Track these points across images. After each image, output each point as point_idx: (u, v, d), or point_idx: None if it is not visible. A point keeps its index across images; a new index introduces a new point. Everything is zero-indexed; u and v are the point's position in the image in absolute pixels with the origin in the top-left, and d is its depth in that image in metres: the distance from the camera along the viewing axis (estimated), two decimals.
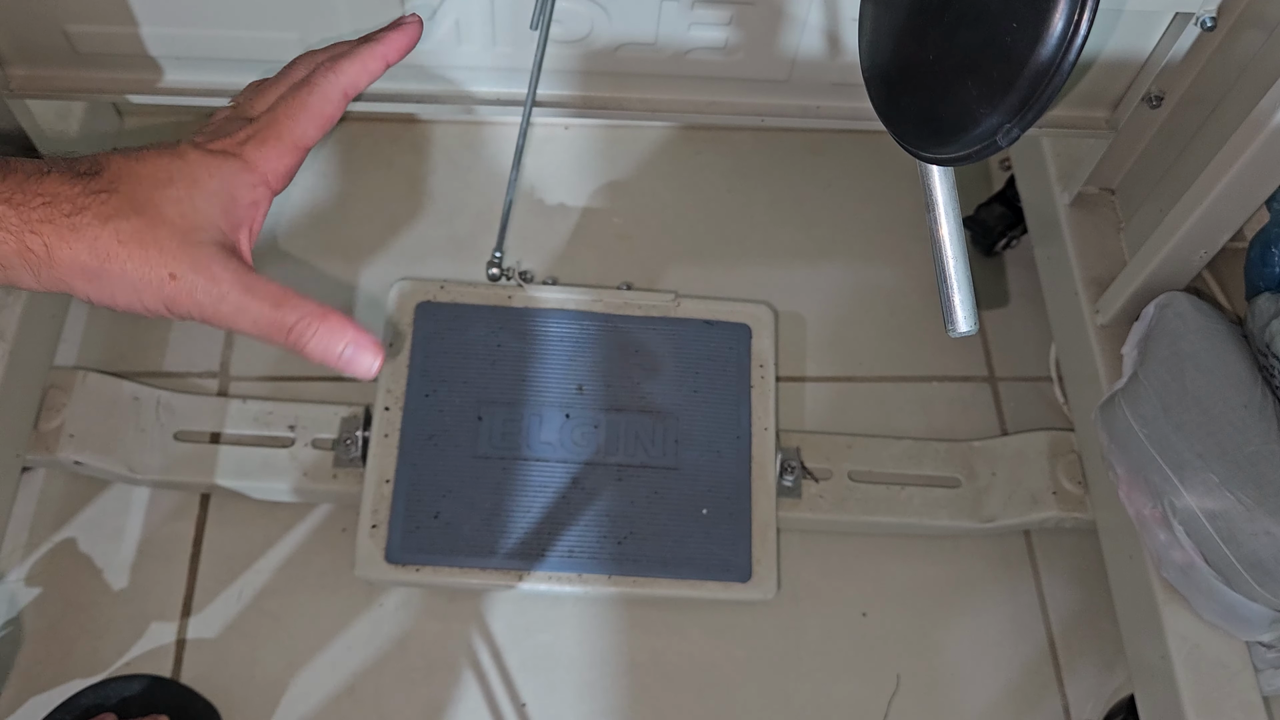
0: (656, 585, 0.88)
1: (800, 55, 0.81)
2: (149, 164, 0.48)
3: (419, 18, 0.53)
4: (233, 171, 0.49)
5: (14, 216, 0.43)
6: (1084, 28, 0.43)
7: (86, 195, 0.45)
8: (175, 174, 0.49)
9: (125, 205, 0.46)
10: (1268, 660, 0.77)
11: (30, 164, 0.45)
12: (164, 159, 0.49)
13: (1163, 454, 0.75)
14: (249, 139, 0.50)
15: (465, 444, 0.90)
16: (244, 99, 0.52)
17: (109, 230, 0.45)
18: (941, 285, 0.53)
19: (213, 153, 0.49)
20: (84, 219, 0.44)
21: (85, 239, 0.44)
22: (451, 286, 0.96)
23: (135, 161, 0.48)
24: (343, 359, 0.48)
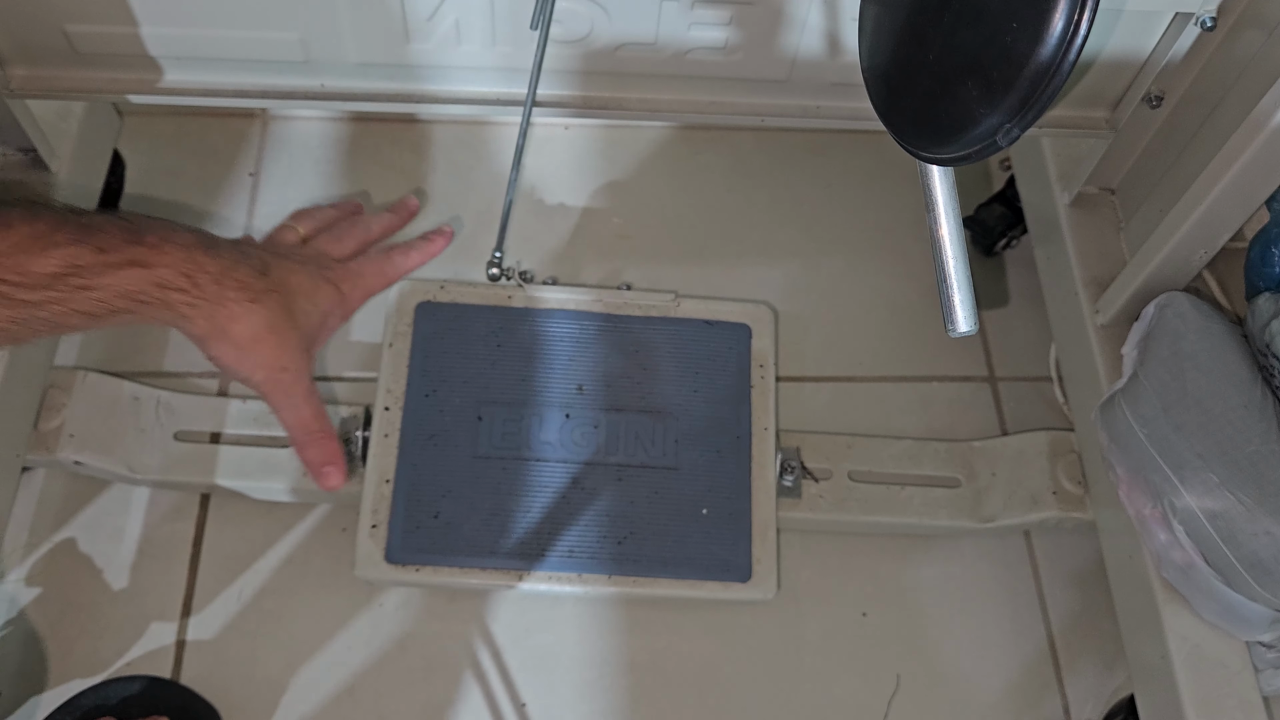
0: (656, 585, 0.88)
1: (800, 55, 0.81)
2: (298, 277, 0.62)
3: (451, 230, 0.79)
4: (337, 302, 0.64)
5: (210, 287, 0.55)
6: (1084, 28, 0.43)
7: (264, 290, 0.58)
8: (311, 291, 0.62)
9: (281, 306, 0.59)
10: (1268, 660, 0.77)
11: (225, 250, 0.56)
12: (306, 276, 0.62)
13: (1163, 454, 0.75)
14: (349, 281, 0.66)
15: (465, 444, 0.90)
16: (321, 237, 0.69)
17: (268, 322, 0.58)
18: (941, 285, 0.53)
19: (329, 281, 0.64)
20: (257, 307, 0.57)
21: (252, 320, 0.57)
22: (451, 286, 0.96)
23: (290, 271, 0.61)
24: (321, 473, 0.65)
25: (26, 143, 0.86)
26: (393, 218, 0.77)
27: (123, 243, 0.51)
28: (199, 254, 0.54)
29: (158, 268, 0.51)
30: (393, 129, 1.13)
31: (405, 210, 0.79)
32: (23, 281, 0.46)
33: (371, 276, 0.69)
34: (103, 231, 0.50)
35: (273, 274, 0.59)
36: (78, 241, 0.48)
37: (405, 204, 0.80)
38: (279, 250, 0.63)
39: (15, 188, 0.83)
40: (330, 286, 0.64)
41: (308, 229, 0.70)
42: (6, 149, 0.88)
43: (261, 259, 0.59)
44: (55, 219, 0.48)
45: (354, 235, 0.71)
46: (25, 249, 0.46)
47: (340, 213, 0.74)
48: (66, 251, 0.47)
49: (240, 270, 0.56)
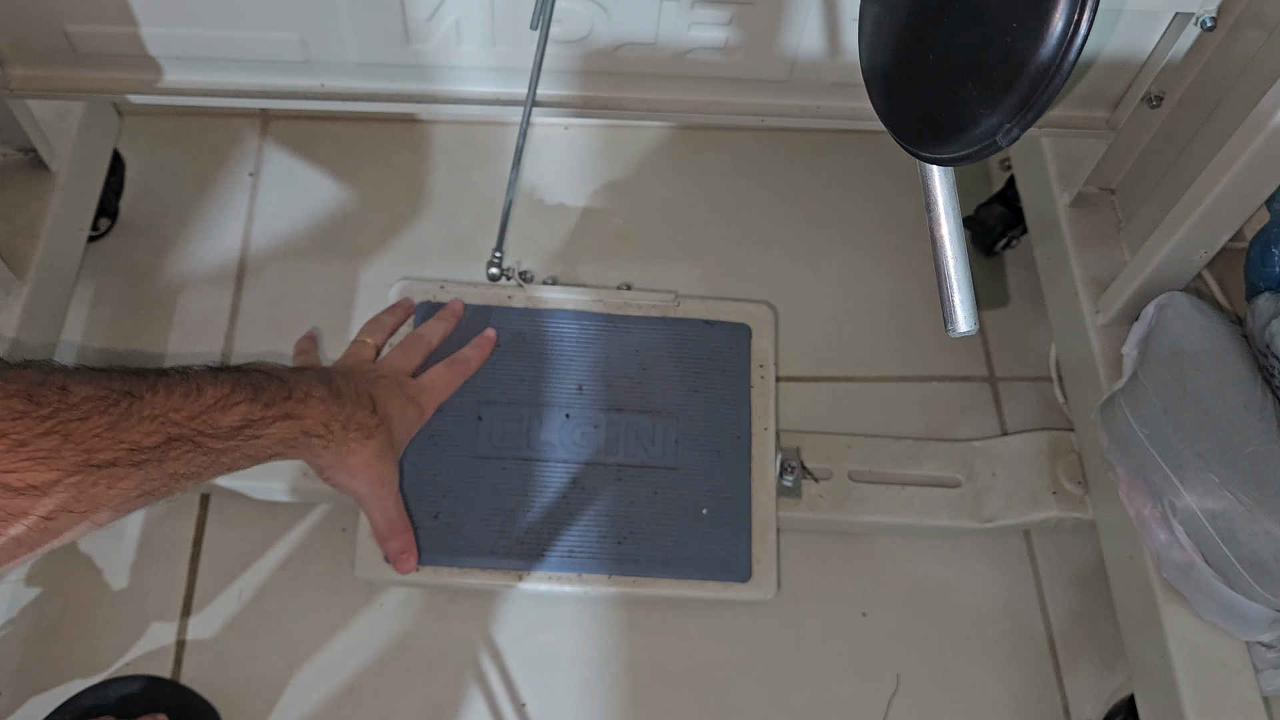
0: (656, 585, 0.88)
1: (800, 55, 0.81)
2: (395, 404, 0.76)
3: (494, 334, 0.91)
4: (418, 417, 0.80)
5: (340, 432, 0.68)
6: (1084, 28, 0.43)
7: (375, 426, 0.71)
8: (402, 414, 0.76)
9: (387, 437, 0.73)
10: (1268, 660, 0.77)
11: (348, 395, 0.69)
12: (399, 403, 0.77)
13: (1163, 454, 0.75)
14: (426, 396, 0.81)
15: (465, 444, 0.90)
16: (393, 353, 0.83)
17: (377, 451, 0.71)
18: (941, 285, 0.53)
19: (413, 401, 0.78)
20: (370, 443, 0.71)
21: (366, 454, 0.71)
22: (451, 286, 0.96)
23: (389, 402, 0.74)
24: (400, 559, 0.82)
25: (26, 143, 0.86)
26: (445, 325, 0.89)
27: (280, 399, 0.62)
28: (332, 405, 0.67)
29: (305, 419, 0.64)
30: (393, 129, 1.13)
31: (452, 315, 0.90)
32: (214, 434, 0.56)
33: (442, 388, 0.83)
34: (266, 390, 0.61)
35: (379, 409, 0.72)
36: (250, 400, 0.59)
37: (451, 309, 0.91)
38: (371, 376, 0.76)
39: None
40: (415, 406, 0.78)
41: (379, 340, 0.84)
42: (6, 149, 0.88)
43: (370, 396, 0.72)
44: (232, 380, 0.59)
45: (419, 349, 0.85)
46: (215, 408, 0.57)
47: (398, 318, 0.89)
48: (242, 409, 0.59)
49: (359, 414, 0.70)
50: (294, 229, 1.07)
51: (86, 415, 0.49)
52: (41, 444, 0.47)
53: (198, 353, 1.00)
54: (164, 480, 0.53)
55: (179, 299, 1.02)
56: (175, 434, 0.53)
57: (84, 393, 0.50)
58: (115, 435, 0.50)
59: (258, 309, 1.03)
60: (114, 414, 0.50)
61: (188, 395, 0.55)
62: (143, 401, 0.52)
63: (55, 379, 0.49)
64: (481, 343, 0.89)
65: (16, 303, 0.84)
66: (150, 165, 1.09)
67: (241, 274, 1.04)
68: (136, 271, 1.03)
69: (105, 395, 0.51)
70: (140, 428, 0.51)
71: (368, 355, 0.82)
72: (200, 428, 0.55)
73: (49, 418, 0.47)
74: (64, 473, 0.47)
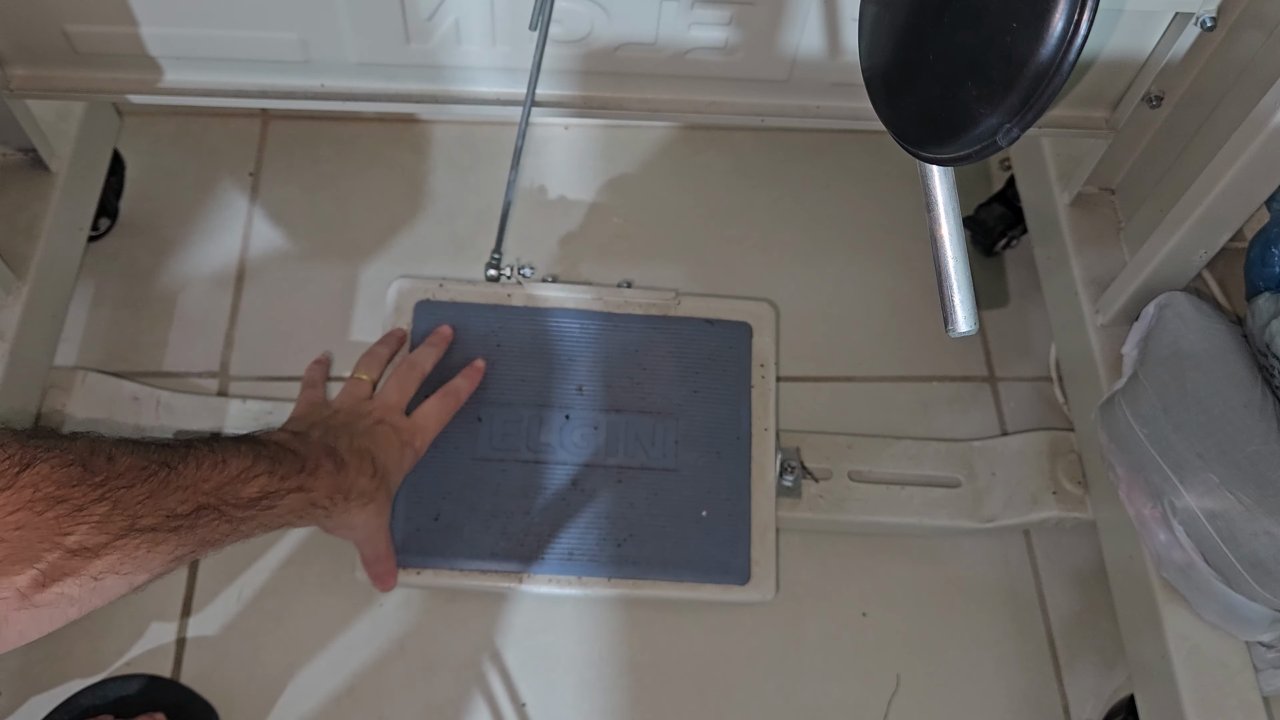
0: (656, 587, 0.88)
1: (800, 55, 0.81)
2: (393, 456, 0.80)
3: (481, 365, 0.92)
4: (412, 457, 0.83)
5: (342, 502, 0.72)
6: (1084, 28, 0.43)
7: (376, 488, 0.76)
8: (399, 462, 0.81)
9: (385, 494, 0.78)
10: (1268, 660, 0.77)
11: (353, 463, 0.74)
12: (396, 451, 0.81)
13: (1163, 454, 0.75)
14: (419, 436, 0.84)
15: (465, 445, 0.90)
16: (388, 387, 0.86)
17: (376, 510, 0.77)
18: (941, 285, 0.53)
19: (407, 444, 0.82)
20: (372, 505, 0.76)
21: (368, 513, 0.76)
22: (450, 285, 0.96)
23: (387, 456, 0.79)
24: (382, 581, 0.85)
25: (26, 143, 0.86)
26: (435, 351, 0.91)
27: (294, 472, 0.66)
28: (338, 477, 0.71)
29: (314, 491, 0.68)
30: (393, 129, 1.13)
31: (441, 340, 0.92)
32: (236, 503, 0.60)
33: (435, 424, 0.86)
34: (283, 463, 0.65)
35: (379, 469, 0.77)
36: (269, 473, 0.64)
37: (440, 334, 0.92)
38: (369, 425, 0.80)
39: None
40: (409, 449, 0.82)
41: (374, 375, 0.87)
42: (6, 149, 0.88)
43: (370, 456, 0.76)
44: (253, 453, 0.63)
45: (412, 379, 0.87)
46: (239, 479, 0.61)
47: (391, 348, 0.91)
48: (261, 481, 0.63)
49: (361, 481, 0.74)
50: (294, 229, 1.07)
51: (131, 484, 0.53)
52: (95, 509, 0.50)
53: (198, 353, 1.00)
54: (194, 546, 0.57)
55: (179, 299, 1.02)
56: (204, 503, 0.58)
57: (128, 463, 0.54)
58: (155, 503, 0.54)
59: (258, 309, 1.03)
60: (154, 483, 0.55)
61: (215, 467, 0.59)
62: (177, 472, 0.57)
63: (104, 448, 0.53)
64: (471, 373, 0.91)
65: (16, 303, 0.84)
66: (150, 165, 1.09)
67: (241, 274, 1.04)
68: (136, 271, 1.03)
69: (146, 465, 0.55)
70: (175, 496, 0.56)
71: (364, 393, 0.85)
72: (225, 498, 0.59)
73: (101, 485, 0.51)
74: (113, 536, 0.51)
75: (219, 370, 0.99)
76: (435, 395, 0.87)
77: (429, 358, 0.90)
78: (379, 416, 0.82)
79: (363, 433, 0.79)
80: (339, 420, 0.80)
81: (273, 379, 0.99)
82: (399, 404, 0.85)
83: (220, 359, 1.00)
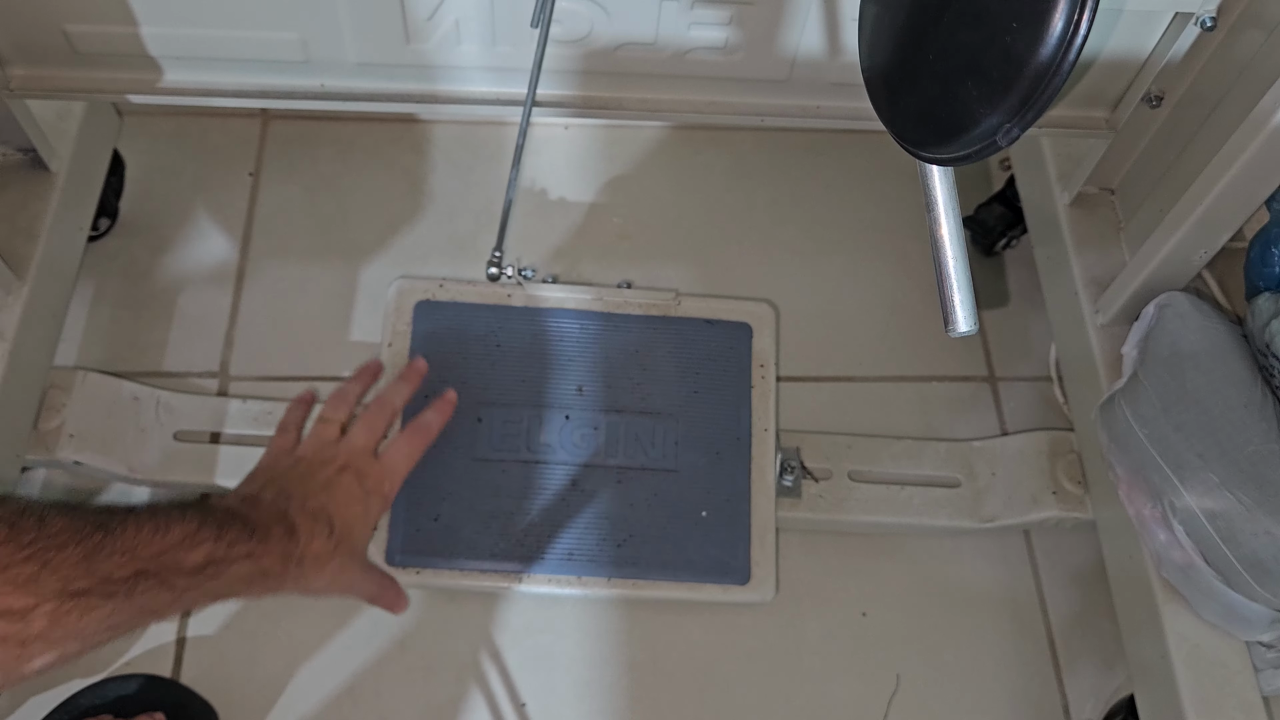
0: (655, 588, 0.88)
1: (800, 55, 0.81)
2: (355, 511, 0.75)
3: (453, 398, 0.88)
4: (381, 507, 0.78)
5: (295, 569, 0.68)
6: (1084, 28, 0.43)
7: (332, 550, 0.71)
8: (363, 515, 0.76)
9: (346, 552, 0.73)
10: (1268, 660, 0.77)
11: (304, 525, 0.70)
12: (359, 505, 0.76)
13: (1163, 454, 0.75)
14: (388, 482, 0.79)
15: (465, 446, 0.90)
16: (356, 429, 0.80)
17: (336, 569, 0.72)
18: (941, 285, 0.53)
19: (372, 493, 0.77)
20: (327, 567, 0.71)
21: (324, 576, 0.71)
22: (450, 284, 0.96)
23: (349, 511, 0.74)
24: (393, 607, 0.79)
25: (26, 143, 0.86)
26: (408, 386, 0.87)
27: (242, 539, 0.63)
28: (288, 543, 0.68)
29: (263, 559, 0.65)
30: (393, 129, 1.13)
31: (415, 373, 0.88)
32: (179, 570, 0.58)
33: (404, 466, 0.81)
34: (230, 529, 0.62)
35: (337, 528, 0.72)
36: (215, 539, 0.60)
37: (414, 367, 0.89)
38: (330, 475, 0.76)
39: None
40: (376, 498, 0.78)
41: (343, 417, 0.82)
42: (6, 149, 0.88)
43: (328, 516, 0.72)
44: (199, 518, 0.60)
45: (382, 418, 0.82)
46: (182, 546, 0.58)
47: (363, 384, 0.86)
48: (207, 548, 0.60)
49: (315, 543, 0.70)
50: (294, 229, 1.07)
51: (63, 545, 0.51)
52: (22, 570, 0.48)
53: (198, 353, 1.00)
54: (131, 614, 0.54)
55: (179, 299, 1.02)
56: (144, 569, 0.55)
57: (60, 524, 0.51)
58: (89, 565, 0.52)
59: (258, 309, 1.03)
60: (88, 545, 0.52)
61: (156, 531, 0.57)
62: (114, 535, 0.54)
63: (35, 510, 0.51)
64: (443, 405, 0.86)
65: (16, 303, 0.84)
66: (150, 165, 1.08)
67: (241, 274, 1.04)
68: (136, 271, 1.03)
69: (80, 527, 0.52)
70: (112, 560, 0.53)
71: (331, 436, 0.80)
72: (166, 564, 0.57)
73: (29, 545, 0.49)
74: (41, 599, 0.48)
75: (219, 370, 0.99)
76: (404, 433, 0.82)
77: (401, 394, 0.85)
78: (343, 463, 0.77)
79: (321, 488, 0.74)
80: (298, 473, 0.75)
81: (273, 379, 0.99)
82: (367, 446, 0.80)
83: (220, 359, 1.00)
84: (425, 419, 0.84)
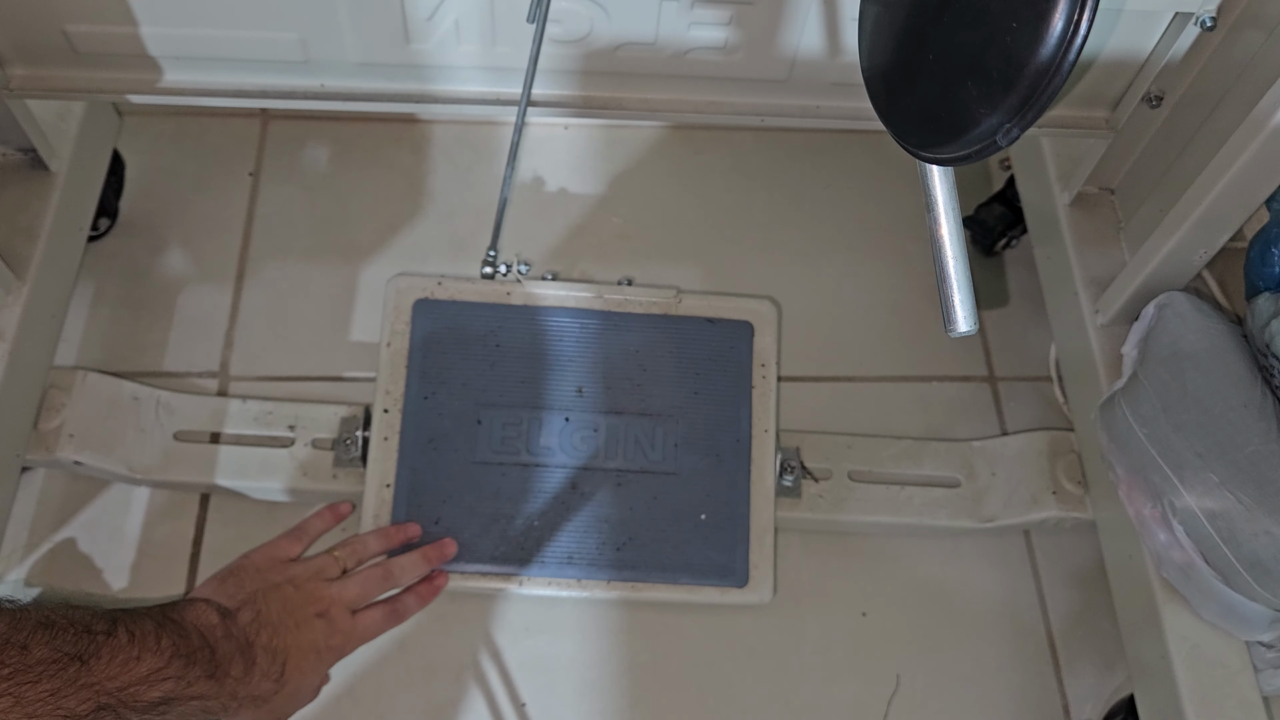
0: (654, 590, 0.88)
1: (800, 55, 0.81)
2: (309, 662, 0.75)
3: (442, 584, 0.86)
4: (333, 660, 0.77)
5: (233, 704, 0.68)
6: (1084, 28, 0.43)
7: (272, 694, 0.72)
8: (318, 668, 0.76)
9: (284, 699, 0.73)
10: (1268, 660, 0.77)
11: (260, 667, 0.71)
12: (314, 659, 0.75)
13: (1163, 454, 0.75)
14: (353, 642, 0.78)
15: (465, 448, 0.90)
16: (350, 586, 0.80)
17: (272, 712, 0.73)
18: (941, 285, 0.53)
19: (332, 649, 0.77)
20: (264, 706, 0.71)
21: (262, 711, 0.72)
22: (449, 282, 0.96)
23: (303, 660, 0.74)
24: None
25: (26, 143, 0.86)
26: (423, 565, 0.85)
27: (203, 675, 0.65)
28: (239, 684, 0.68)
29: (213, 700, 0.66)
30: (393, 129, 1.13)
31: (440, 556, 0.86)
32: (136, 706, 0.59)
33: (371, 634, 0.80)
34: (195, 663, 0.64)
35: (286, 677, 0.72)
36: (178, 678, 0.62)
37: (441, 549, 0.87)
38: (306, 617, 0.76)
39: None
40: (332, 653, 0.77)
41: (351, 565, 0.82)
42: (6, 149, 0.88)
43: (284, 659, 0.72)
44: (171, 648, 0.62)
45: (383, 586, 0.82)
46: (145, 680, 0.60)
47: (385, 544, 0.85)
48: (168, 685, 0.61)
49: (265, 684, 0.71)
50: (294, 229, 1.07)
51: (38, 679, 0.53)
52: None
53: (198, 353, 1.00)
54: None
55: (179, 299, 1.02)
56: (105, 703, 0.56)
57: (40, 654, 0.54)
58: (56, 701, 0.54)
59: (258, 309, 1.03)
60: (61, 679, 0.54)
61: (126, 665, 0.59)
62: (88, 668, 0.56)
63: (21, 635, 0.54)
64: (426, 592, 0.84)
65: (16, 303, 0.84)
66: (150, 165, 1.09)
67: (241, 274, 1.04)
68: (136, 271, 1.03)
69: (57, 659, 0.55)
70: (78, 695, 0.55)
71: (331, 574, 0.80)
72: (126, 699, 0.58)
73: (8, 679, 0.52)
74: None
75: (219, 370, 0.99)
76: (383, 608, 0.81)
77: (410, 574, 0.84)
78: (324, 609, 0.77)
79: (293, 625, 0.74)
80: (282, 597, 0.75)
81: (273, 379, 0.99)
82: (354, 602, 0.79)
83: (220, 359, 1.00)
84: (406, 603, 0.83)
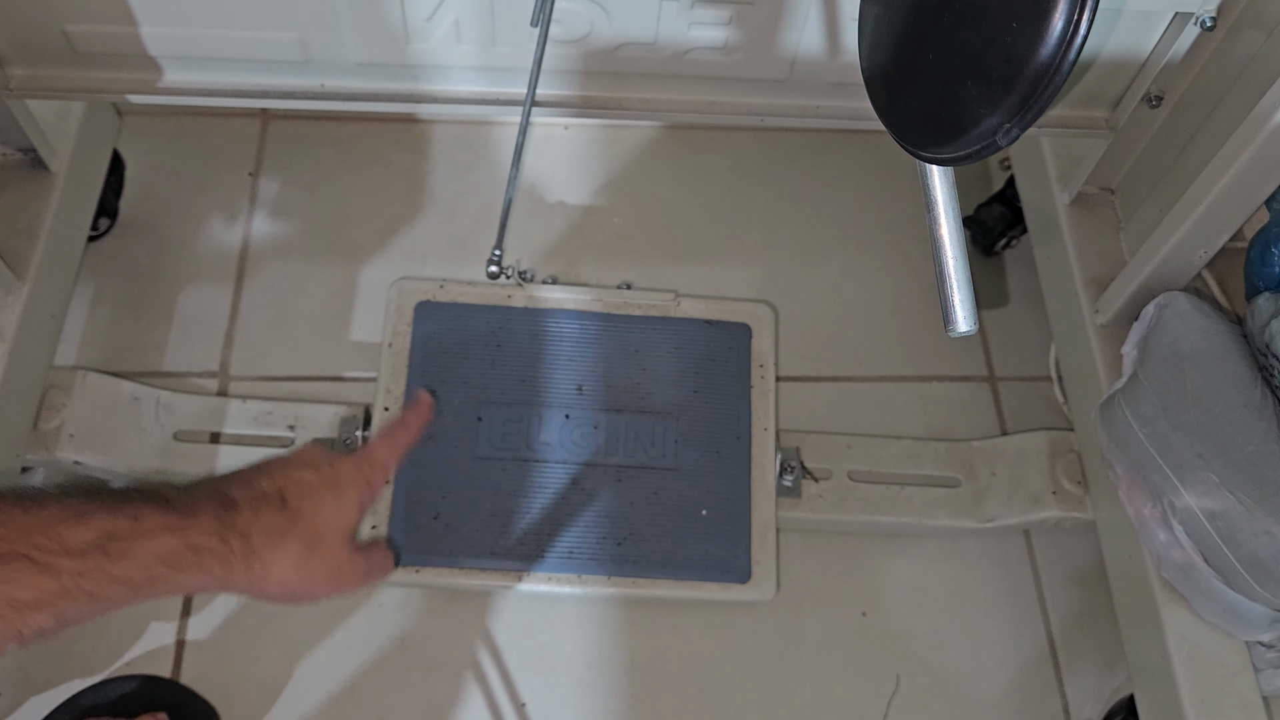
0: (656, 586, 0.88)
1: (800, 55, 0.81)
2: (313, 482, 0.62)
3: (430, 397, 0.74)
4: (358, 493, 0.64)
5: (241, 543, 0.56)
6: (1084, 28, 0.43)
7: (288, 526, 0.59)
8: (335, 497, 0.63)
9: (307, 532, 0.60)
10: (1267, 660, 0.77)
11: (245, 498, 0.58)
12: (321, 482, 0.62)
13: (1163, 454, 0.75)
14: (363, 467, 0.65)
15: (465, 445, 0.90)
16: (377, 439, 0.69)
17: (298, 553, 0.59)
18: (941, 285, 0.53)
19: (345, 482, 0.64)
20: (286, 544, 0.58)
21: (284, 561, 0.58)
22: (451, 285, 0.96)
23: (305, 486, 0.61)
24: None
25: (26, 143, 0.86)
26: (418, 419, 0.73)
27: (155, 511, 0.53)
28: (223, 513, 0.56)
29: (189, 531, 0.54)
30: (393, 129, 1.13)
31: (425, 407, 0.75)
32: (62, 549, 0.48)
33: (385, 452, 0.68)
34: (135, 504, 0.52)
35: (291, 505, 0.60)
36: (112, 512, 0.51)
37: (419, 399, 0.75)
38: (286, 460, 0.63)
39: None
40: (351, 487, 0.64)
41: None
42: (6, 149, 0.88)
43: (279, 491, 0.60)
44: (88, 497, 0.51)
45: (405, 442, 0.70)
46: (62, 520, 0.49)
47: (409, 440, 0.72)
48: (101, 521, 0.50)
49: (265, 516, 0.58)
50: (294, 229, 1.07)
51: None
52: None
53: (198, 353, 1.00)
54: None
55: (179, 299, 1.02)
56: (8, 550, 0.47)
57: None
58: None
59: (258, 309, 1.03)
60: None
61: (24, 509, 0.49)
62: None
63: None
64: (419, 407, 0.73)
65: (16, 303, 0.84)
66: (150, 165, 1.09)
67: (241, 274, 1.04)
68: (136, 271, 1.03)
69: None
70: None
71: None
72: (39, 543, 0.48)
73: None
74: None
75: (219, 370, 0.99)
76: (379, 433, 0.73)
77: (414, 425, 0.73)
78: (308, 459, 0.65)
79: (278, 470, 0.62)
80: (271, 460, 0.64)
81: (272, 379, 0.99)
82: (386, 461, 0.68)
83: (220, 359, 1.00)
84: (404, 417, 0.72)
